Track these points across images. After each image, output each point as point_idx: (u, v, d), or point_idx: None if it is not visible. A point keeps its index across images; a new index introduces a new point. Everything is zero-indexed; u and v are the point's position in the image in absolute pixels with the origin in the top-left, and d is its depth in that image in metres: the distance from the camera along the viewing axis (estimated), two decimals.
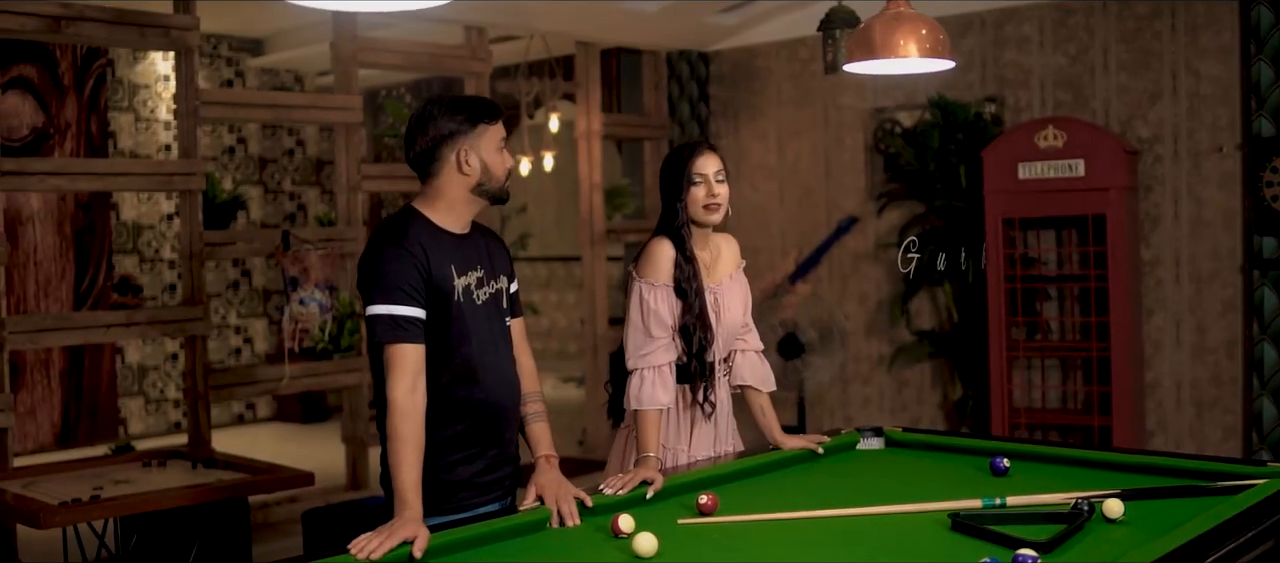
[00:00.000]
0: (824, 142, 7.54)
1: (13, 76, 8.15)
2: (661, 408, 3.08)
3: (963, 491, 2.86)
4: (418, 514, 2.52)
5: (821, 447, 3.33)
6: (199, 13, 8.46)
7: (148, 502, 3.82)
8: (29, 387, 8.22)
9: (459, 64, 6.94)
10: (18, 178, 5.15)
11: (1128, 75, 6.33)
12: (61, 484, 4.10)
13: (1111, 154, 5.86)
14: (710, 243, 3.28)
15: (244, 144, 9.54)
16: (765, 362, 3.37)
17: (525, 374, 2.95)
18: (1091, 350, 6.01)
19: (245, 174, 9.51)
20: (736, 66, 7.96)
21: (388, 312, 2.62)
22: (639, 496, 2.84)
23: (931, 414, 7.11)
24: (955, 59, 3.28)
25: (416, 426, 2.60)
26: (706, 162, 3.14)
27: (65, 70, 8.41)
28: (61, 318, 5.42)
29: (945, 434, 3.58)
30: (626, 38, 7.84)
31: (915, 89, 7.01)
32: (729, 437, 3.32)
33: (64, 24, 5.25)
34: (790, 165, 7.71)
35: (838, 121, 7.47)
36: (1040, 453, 3.27)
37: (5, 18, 5.08)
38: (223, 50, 9.40)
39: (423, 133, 2.74)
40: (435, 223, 2.75)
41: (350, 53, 6.42)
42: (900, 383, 7.26)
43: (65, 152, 8.35)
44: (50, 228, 8.37)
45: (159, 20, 5.56)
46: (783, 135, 7.75)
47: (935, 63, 3.07)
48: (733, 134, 8.00)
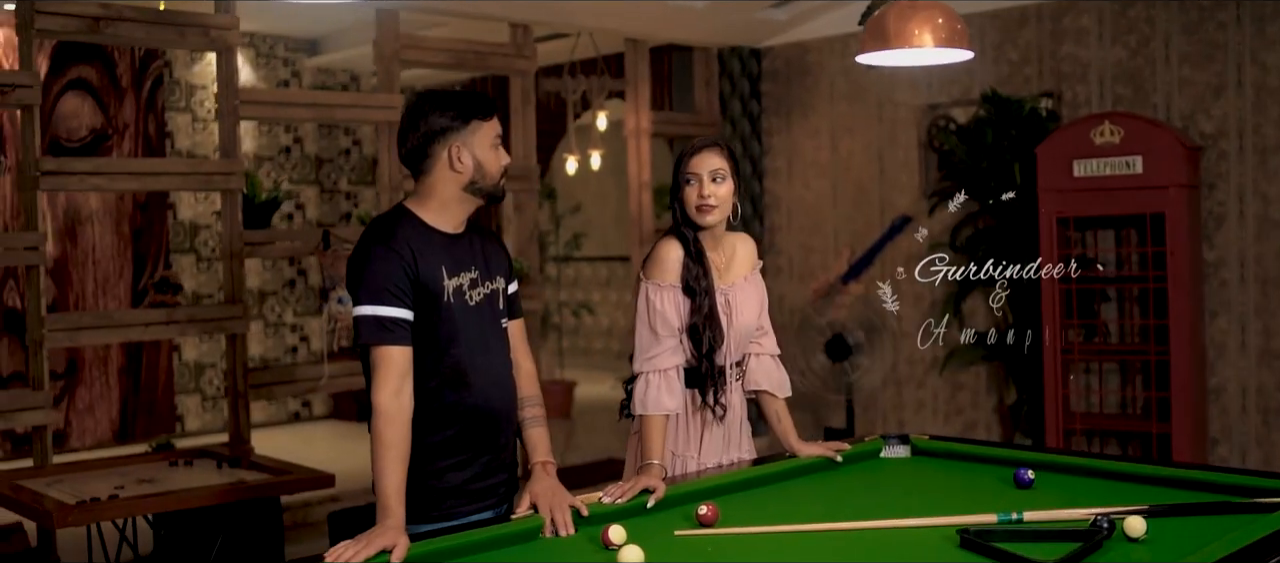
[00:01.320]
0: (877, 138, 7.36)
1: (72, 78, 8.26)
2: (667, 414, 2.97)
3: (982, 504, 2.71)
4: (399, 523, 2.44)
5: (840, 455, 3.20)
6: (255, 14, 8.58)
7: (163, 502, 3.80)
8: (87, 384, 8.33)
9: (504, 62, 6.87)
10: (57, 177, 5.18)
11: (1191, 68, 6.07)
12: (86, 483, 4.11)
13: (1171, 150, 5.62)
14: (724, 243, 3.16)
15: (300, 143, 9.59)
16: (781, 367, 3.24)
17: (524, 378, 2.86)
18: (1150, 354, 5.77)
19: (301, 173, 9.56)
20: (789, 62, 7.81)
21: (373, 313, 2.55)
22: (639, 504, 2.73)
23: (986, 419, 6.90)
24: (973, 49, 3.13)
25: (400, 431, 2.53)
26: (702, 160, 3.01)
27: (123, 72, 8.51)
28: (100, 316, 5.45)
29: (974, 443, 3.43)
30: (676, 34, 7.72)
31: (971, 84, 6.81)
32: (742, 444, 3.19)
33: (103, 24, 5.27)
34: (843, 163, 7.54)
35: (892, 118, 7.29)
36: (1071, 464, 3.11)
37: (45, 19, 5.12)
38: (279, 51, 9.45)
39: (414, 129, 2.66)
40: (426, 222, 2.67)
41: (392, 51, 6.39)
42: (955, 387, 7.06)
43: (123, 152, 8.44)
44: (109, 227, 8.47)
45: (198, 20, 5.56)
46: (836, 132, 7.59)
47: (952, 52, 2.93)
48: (785, 131, 7.86)
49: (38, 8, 5.08)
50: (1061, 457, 3.20)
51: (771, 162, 7.94)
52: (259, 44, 9.32)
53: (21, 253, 5.12)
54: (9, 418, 5.06)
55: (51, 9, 5.12)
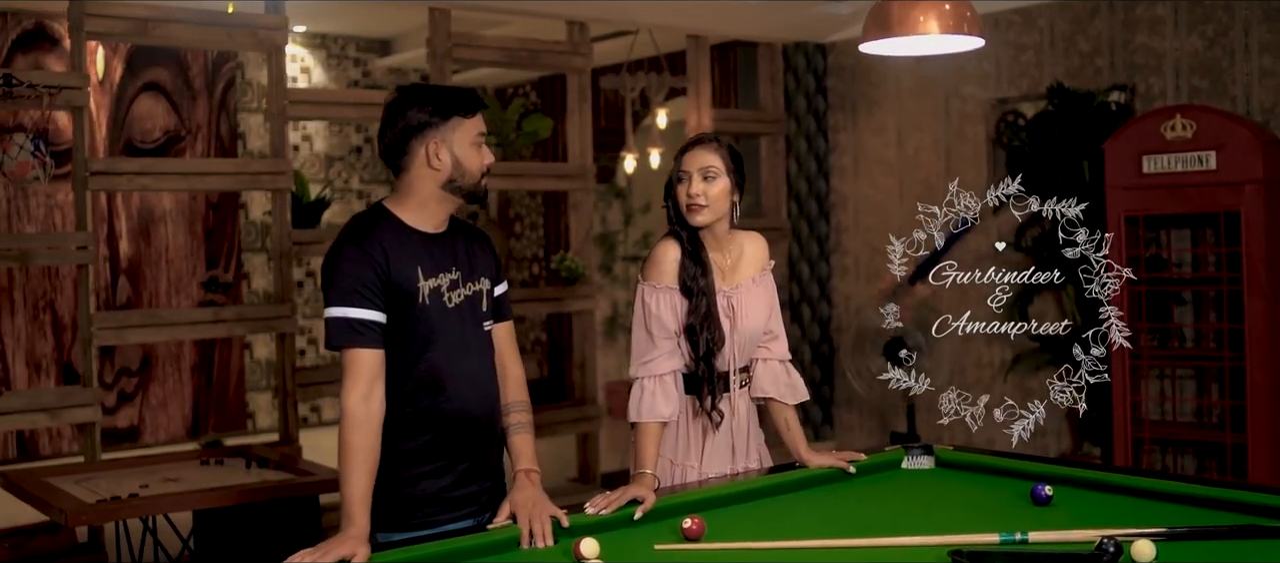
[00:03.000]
0: (944, 135, 7.13)
1: (146, 81, 8.41)
2: (662, 421, 2.85)
3: (994, 521, 2.55)
4: (361, 531, 2.36)
5: (854, 466, 3.04)
6: (326, 15, 8.65)
7: (179, 502, 3.79)
8: (160, 380, 8.48)
9: (558, 60, 6.80)
10: (106, 177, 5.24)
11: (1272, 58, 5.74)
12: (119, 480, 4.13)
13: (1247, 145, 5.32)
14: (732, 243, 3.02)
15: (371, 143, 9.63)
16: (792, 372, 3.09)
17: (511, 383, 2.76)
18: (1224, 361, 5.48)
19: (372, 173, 9.61)
20: (854, 58, 7.61)
21: (343, 315, 2.48)
22: (625, 516, 2.62)
23: (1056, 426, 6.64)
24: (983, 37, 2.94)
25: (367, 436, 2.45)
26: (693, 156, 2.88)
27: (196, 74, 8.64)
28: (148, 315, 5.51)
29: (1001, 455, 3.25)
30: (738, 30, 7.58)
31: (1041, 78, 6.55)
32: (750, 453, 3.05)
33: (152, 26, 5.32)
34: (910, 160, 7.33)
35: (959, 113, 7.05)
36: (1099, 480, 2.91)
37: (95, 21, 5.18)
38: (350, 51, 9.52)
39: (391, 125, 2.59)
40: (404, 221, 2.59)
41: (444, 50, 6.35)
42: (1025, 392, 6.80)
43: (195, 152, 8.57)
44: (182, 227, 8.61)
45: (246, 21, 5.58)
46: (902, 129, 7.37)
47: (960, 40, 2.75)
48: (851, 128, 7.66)
49: (88, 11, 5.14)
50: (1092, 472, 3.01)
51: (837, 159, 7.75)
52: (330, 45, 9.40)
53: (73, 252, 5.19)
54: (57, 415, 5.13)
55: (101, 11, 5.18)
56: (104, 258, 8.20)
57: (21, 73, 4.93)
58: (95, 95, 8.22)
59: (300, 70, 9.26)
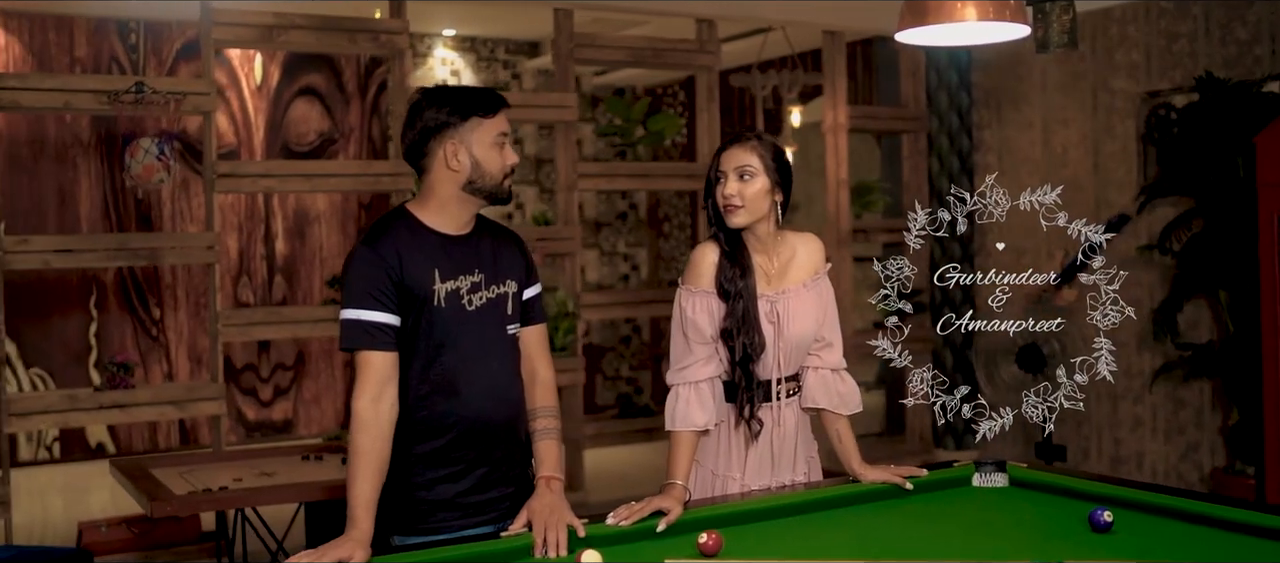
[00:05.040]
0: (1092, 130, 6.75)
1: (302, 86, 8.72)
2: (696, 429, 2.74)
3: (1035, 548, 2.37)
4: (362, 535, 2.35)
5: (911, 483, 2.87)
6: (474, 19, 8.79)
7: (254, 497, 3.89)
8: (313, 375, 8.78)
9: (684, 58, 6.73)
10: (232, 179, 5.43)
11: None
12: (214, 473, 4.26)
13: None
14: (781, 245, 2.87)
15: (520, 143, 9.74)
16: (846, 380, 2.93)
17: (540, 388, 2.70)
18: None
19: (520, 173, 9.72)
20: (999, 51, 7.27)
21: (355, 317, 2.47)
22: (648, 528, 2.53)
23: (1211, 440, 6.19)
24: (1024, 21, 2.71)
25: (375, 439, 2.43)
26: (730, 155, 2.75)
27: (349, 78, 8.91)
28: (270, 313, 5.68)
29: (1078, 476, 3.01)
30: (874, 25, 7.35)
31: (1194, 69, 6.12)
32: (798, 466, 2.91)
33: (276, 32, 5.48)
34: (1057, 157, 6.96)
35: (1108, 107, 6.66)
36: (1171, 506, 2.65)
37: (221, 30, 5.38)
38: (499, 54, 9.66)
39: (411, 125, 2.57)
40: (424, 223, 2.56)
41: (567, 50, 6.36)
42: (1177, 403, 6.38)
43: (348, 155, 8.84)
44: (335, 227, 8.89)
45: (367, 25, 5.71)
46: (1049, 124, 7.01)
47: (1003, 28, 2.55)
48: (996, 124, 7.33)
49: (216, 19, 5.34)
50: (1172, 499, 2.73)
51: (981, 157, 7.43)
52: (480, 48, 9.56)
53: (200, 252, 5.40)
54: (185, 407, 5.35)
55: (228, 20, 5.37)
56: (261, 256, 8.54)
57: (152, 81, 5.15)
58: (253, 100, 8.57)
59: (450, 73, 9.45)
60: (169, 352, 8.23)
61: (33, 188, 7.84)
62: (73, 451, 7.94)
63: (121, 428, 7.97)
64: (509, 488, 2.63)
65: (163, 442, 8.23)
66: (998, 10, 2.53)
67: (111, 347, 8.00)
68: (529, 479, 2.66)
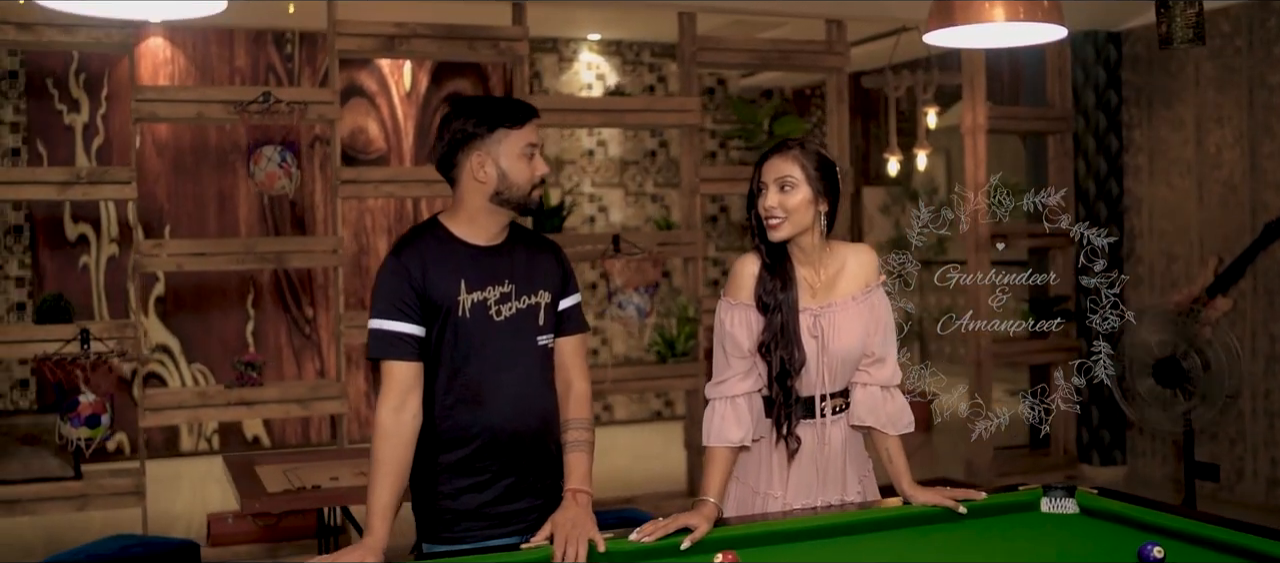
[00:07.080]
0: (1249, 129, 6.33)
1: (449, 92, 8.93)
2: (731, 445, 2.68)
3: None
4: (377, 543, 2.38)
5: (964, 507, 2.74)
6: (620, 22, 8.83)
7: (346, 496, 3.99)
8: None
9: (811, 59, 6.61)
10: (354, 185, 5.59)
11: None
12: (314, 471, 4.39)
13: None
14: (829, 257, 2.77)
15: (604, 146, 9.67)
16: (897, 397, 2.81)
17: (574, 399, 2.68)
18: None
19: (605, 177, 9.65)
20: (1150, 47, 6.91)
21: (379, 327, 2.51)
22: (672, 545, 2.49)
23: None
24: (1059, 21, 2.53)
25: (396, 448, 2.46)
26: (771, 166, 2.67)
27: (495, 84, 9.08)
28: None
29: (1152, 506, 2.81)
30: None
31: None
32: (849, 485, 2.81)
33: (398, 41, 5.63)
34: (1211, 158, 6.56)
35: (1265, 104, 6.24)
36: (1255, 549, 2.43)
37: (345, 40, 5.55)
38: (645, 57, 9.68)
39: (440, 136, 2.59)
40: (454, 233, 2.58)
41: (691, 53, 6.33)
42: None
43: None
44: None
45: (487, 32, 5.80)
46: (1202, 123, 6.61)
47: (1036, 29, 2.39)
48: (1146, 124, 6.96)
49: (338, 30, 5.52)
50: (1257, 540, 2.49)
51: (1131, 158, 7.07)
52: (625, 51, 9.60)
53: (324, 255, 5.59)
54: (309, 406, 5.54)
55: (350, 30, 5.54)
56: None
57: (278, 90, 5.36)
58: (402, 107, 8.83)
59: (596, 77, 9.52)
60: (320, 349, 8.55)
61: (197, 192, 8.26)
62: (229, 443, 8.34)
63: (276, 423, 8.32)
64: (538, 499, 2.63)
65: (314, 437, 8.56)
66: (1029, 10, 2.39)
67: (267, 345, 8.37)
68: (560, 491, 2.65)
